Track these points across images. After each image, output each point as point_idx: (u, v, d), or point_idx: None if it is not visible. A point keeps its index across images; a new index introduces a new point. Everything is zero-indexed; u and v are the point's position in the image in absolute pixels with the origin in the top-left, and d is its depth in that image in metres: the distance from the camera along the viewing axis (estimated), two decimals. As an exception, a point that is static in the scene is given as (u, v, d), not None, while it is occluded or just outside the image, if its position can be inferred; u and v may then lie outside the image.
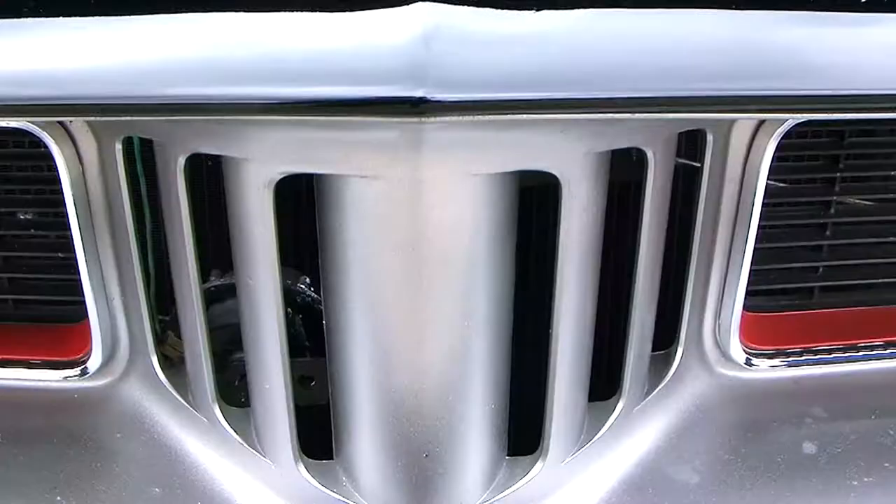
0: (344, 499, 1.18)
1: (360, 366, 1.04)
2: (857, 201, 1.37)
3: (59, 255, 1.28)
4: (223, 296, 1.25)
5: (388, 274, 0.97)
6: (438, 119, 0.85)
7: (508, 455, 1.18)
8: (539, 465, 1.15)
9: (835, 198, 1.31)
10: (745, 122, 1.11)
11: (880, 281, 1.44)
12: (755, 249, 1.21)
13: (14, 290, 1.36)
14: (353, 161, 0.90)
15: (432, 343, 1.00)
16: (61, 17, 0.93)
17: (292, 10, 0.91)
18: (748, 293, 1.30)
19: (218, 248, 1.17)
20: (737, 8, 0.96)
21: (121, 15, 0.94)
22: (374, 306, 0.98)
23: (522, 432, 1.21)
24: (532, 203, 1.15)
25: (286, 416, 1.11)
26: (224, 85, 0.88)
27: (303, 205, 1.19)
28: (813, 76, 0.94)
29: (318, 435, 1.20)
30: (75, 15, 0.94)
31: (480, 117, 0.87)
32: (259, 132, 0.92)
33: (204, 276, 1.19)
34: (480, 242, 0.96)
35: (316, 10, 0.90)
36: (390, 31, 0.89)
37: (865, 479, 1.28)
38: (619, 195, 1.17)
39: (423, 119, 0.85)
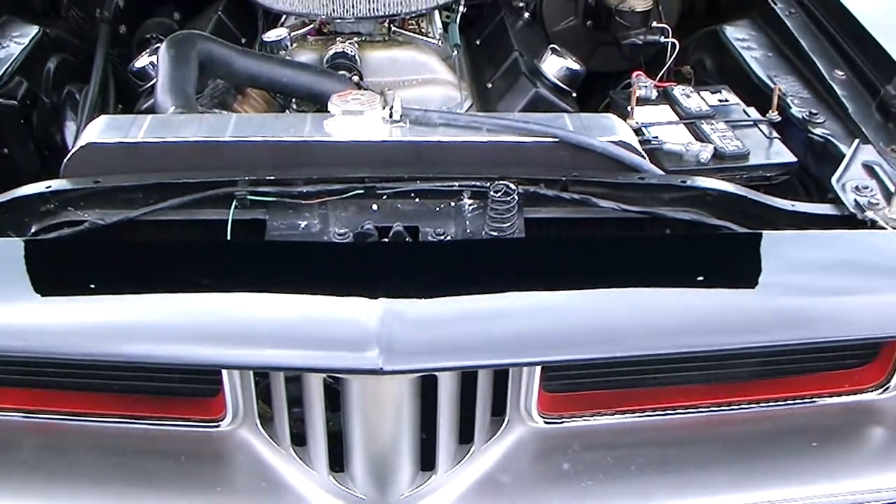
0: (349, 490, 2.04)
1: (357, 438, 2.13)
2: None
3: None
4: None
5: (369, 402, 2.07)
6: (393, 376, 1.95)
7: (421, 470, 2.03)
8: (434, 476, 2.04)
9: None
10: None
11: (622, 378, 2.15)
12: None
13: (183, 381, 2.11)
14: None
15: (386, 429, 2.10)
16: None
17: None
18: (543, 384, 2.03)
19: None
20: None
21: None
22: (363, 411, 2.09)
23: (427, 458, 2.02)
24: None
25: (324, 452, 2.04)
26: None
27: None
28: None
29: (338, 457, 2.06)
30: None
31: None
32: None
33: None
34: (405, 391, 2.06)
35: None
36: (359, 324, 1.92)
37: (589, 483, 2.06)
38: None
39: (382, 377, 1.95)
